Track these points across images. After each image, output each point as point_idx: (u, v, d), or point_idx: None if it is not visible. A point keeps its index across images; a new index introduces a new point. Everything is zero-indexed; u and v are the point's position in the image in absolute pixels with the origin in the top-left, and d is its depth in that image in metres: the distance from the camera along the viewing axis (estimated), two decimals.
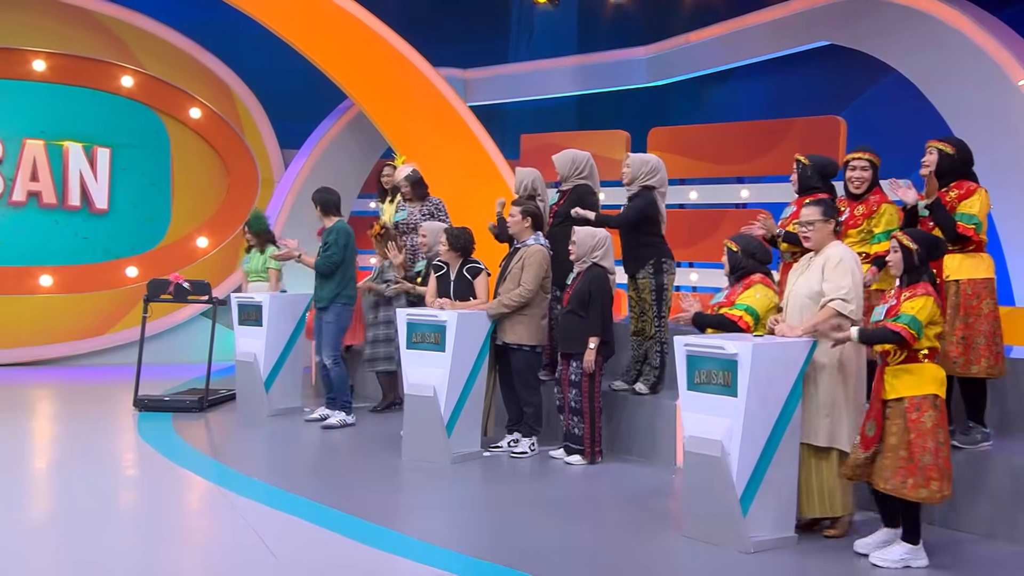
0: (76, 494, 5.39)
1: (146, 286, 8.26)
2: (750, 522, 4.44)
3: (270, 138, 11.57)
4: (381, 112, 9.78)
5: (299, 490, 5.43)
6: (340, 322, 7.17)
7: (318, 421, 7.30)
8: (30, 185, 10.46)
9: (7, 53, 10.37)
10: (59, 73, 10.58)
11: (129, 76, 10.90)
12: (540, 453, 6.35)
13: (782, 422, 4.50)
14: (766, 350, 4.46)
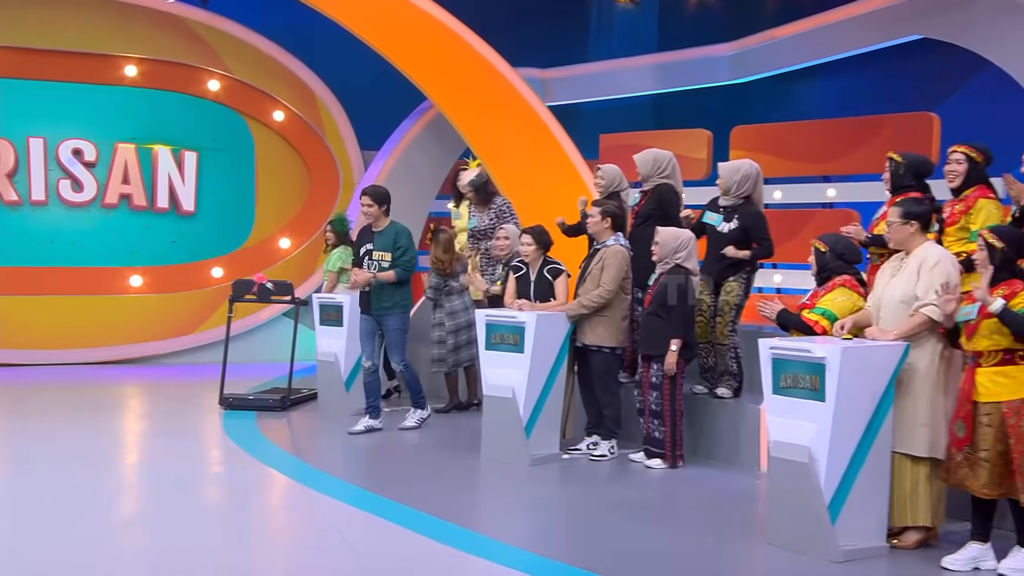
0: (164, 491, 5.57)
1: (231, 286, 8.50)
2: (839, 530, 4.35)
3: (351, 139, 11.78)
4: (460, 113, 9.87)
5: (380, 489, 5.52)
6: (405, 326, 6.96)
7: (363, 433, 6.94)
8: (121, 188, 10.86)
9: (101, 59, 10.79)
10: (149, 78, 10.97)
11: (216, 80, 11.24)
12: (620, 456, 6.32)
13: (873, 428, 4.39)
14: (856, 354, 4.36)
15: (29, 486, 5.54)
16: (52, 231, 10.60)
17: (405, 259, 6.81)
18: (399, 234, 6.82)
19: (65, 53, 10.60)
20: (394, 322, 6.88)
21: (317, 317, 8.15)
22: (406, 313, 6.95)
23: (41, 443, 6.63)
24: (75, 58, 10.63)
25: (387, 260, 6.77)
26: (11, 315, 10.35)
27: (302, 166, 11.72)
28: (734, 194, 6.31)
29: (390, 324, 6.89)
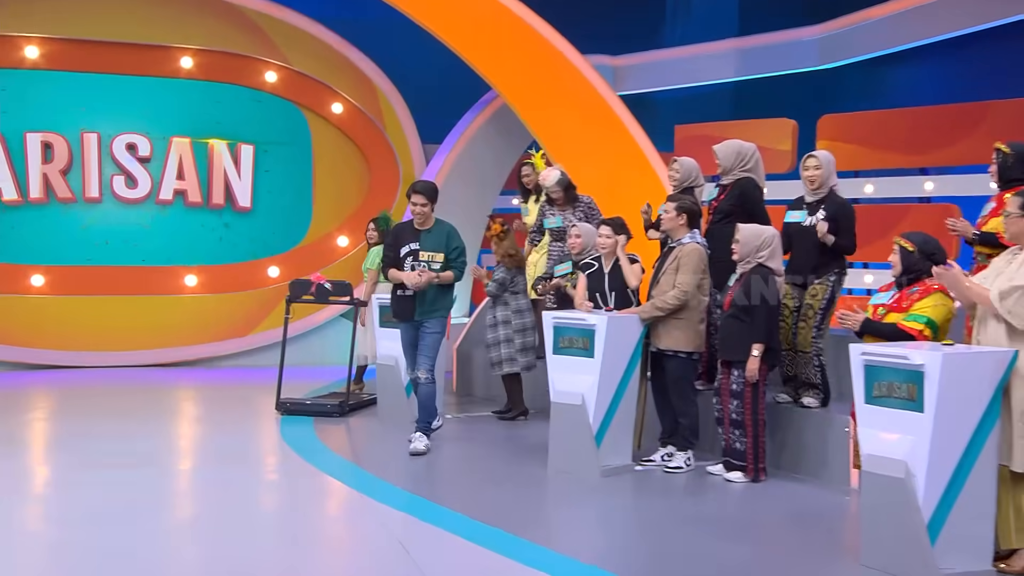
0: (219, 497, 5.69)
1: (288, 287, 8.64)
2: (939, 552, 4.23)
3: (411, 133, 11.90)
4: (526, 103, 9.89)
5: (442, 499, 5.55)
6: (444, 331, 6.81)
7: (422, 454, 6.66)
8: (176, 183, 11.14)
9: (157, 51, 11.09)
10: (206, 70, 11.23)
11: (273, 71, 11.46)
12: (697, 468, 6.27)
13: (977, 440, 4.27)
14: (958, 360, 4.24)
15: (85, 490, 5.70)
16: (105, 229, 10.91)
17: (463, 260, 6.67)
18: (451, 234, 6.66)
19: (120, 44, 10.91)
20: (435, 325, 6.69)
21: (376, 318, 8.24)
22: (446, 319, 6.80)
23: (96, 447, 6.82)
24: (130, 50, 10.94)
25: (438, 261, 6.57)
26: (64, 316, 10.69)
27: (361, 161, 11.87)
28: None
29: (430, 327, 6.67)
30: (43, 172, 10.64)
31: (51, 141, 10.64)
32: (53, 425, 7.99)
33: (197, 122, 11.20)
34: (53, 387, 9.65)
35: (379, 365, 8.11)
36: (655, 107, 12.37)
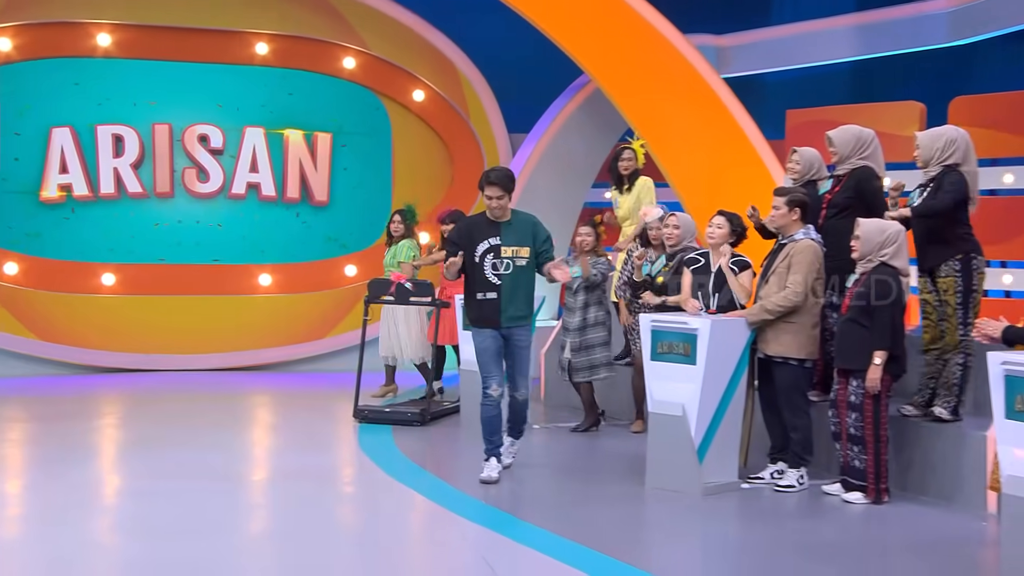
0: (294, 511, 5.80)
1: (366, 286, 8.78)
2: None
3: (497, 122, 11.96)
4: (621, 88, 9.84)
5: (531, 516, 5.56)
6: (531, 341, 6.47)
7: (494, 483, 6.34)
8: (249, 177, 11.41)
9: (230, 37, 11.38)
10: (281, 56, 11.48)
11: (351, 57, 11.65)
12: (811, 488, 6.16)
13: None
14: None
15: (156, 501, 5.89)
16: (177, 225, 11.24)
17: (553, 251, 6.37)
18: (537, 224, 6.30)
19: (192, 31, 11.24)
20: (526, 336, 6.30)
21: (460, 321, 8.30)
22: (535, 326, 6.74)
23: (167, 456, 7.03)
24: (203, 36, 11.26)
25: (524, 256, 6.20)
26: (135, 316, 11.05)
27: (443, 151, 11.98)
28: (936, 162, 6.06)
29: (522, 338, 6.25)
30: (114, 166, 11.01)
31: (122, 134, 11.01)
32: (123, 432, 8.26)
33: (271, 111, 11.45)
34: (124, 391, 9.98)
35: (463, 371, 8.17)
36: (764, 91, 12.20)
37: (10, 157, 10.75)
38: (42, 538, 5.22)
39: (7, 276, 10.73)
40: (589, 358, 7.83)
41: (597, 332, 7.86)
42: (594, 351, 7.85)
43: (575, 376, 7.89)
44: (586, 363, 7.84)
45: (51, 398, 9.48)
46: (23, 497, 6.18)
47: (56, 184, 10.85)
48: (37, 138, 10.80)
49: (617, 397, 8.28)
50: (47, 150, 10.81)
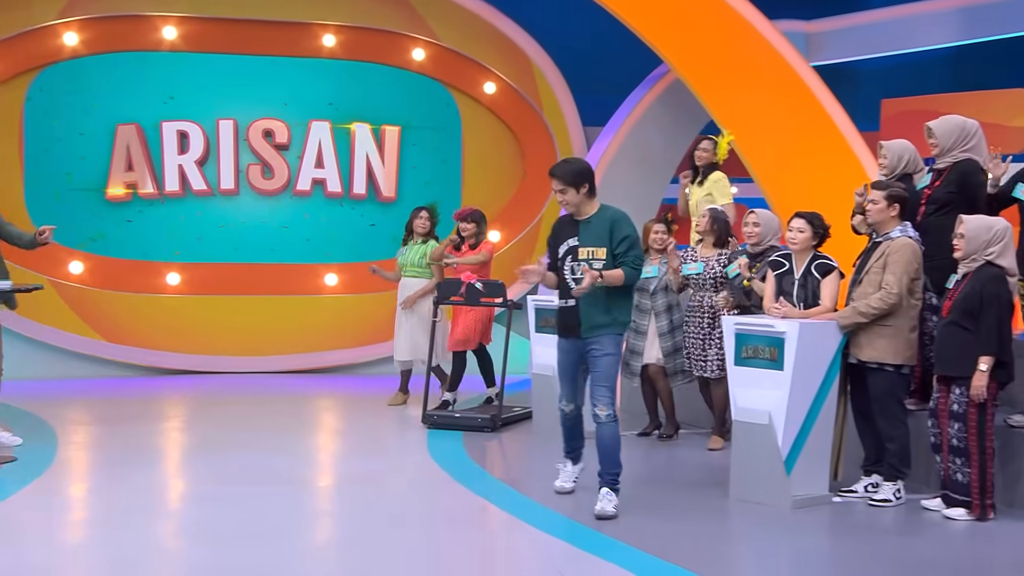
0: (360, 516, 5.84)
1: (435, 286, 8.81)
2: None
3: (571, 114, 11.93)
4: (703, 78, 9.75)
5: (607, 527, 5.53)
6: (619, 353, 5.88)
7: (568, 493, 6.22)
8: (315, 172, 11.54)
9: (297, 29, 11.50)
10: (348, 48, 11.58)
11: (420, 48, 11.71)
12: (908, 502, 6.05)
13: None
14: None
15: (220, 506, 5.97)
16: (241, 223, 11.42)
17: (635, 253, 5.75)
18: (617, 221, 5.78)
19: (257, 23, 11.38)
20: (607, 344, 5.77)
21: (533, 323, 8.30)
22: (622, 335, 5.90)
23: (231, 460, 7.13)
24: (268, 28, 11.40)
25: (600, 258, 5.76)
26: (199, 317, 11.25)
27: (515, 145, 11.99)
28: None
29: (601, 347, 5.78)
30: (179, 163, 11.24)
31: (187, 130, 11.22)
32: (187, 435, 8.41)
33: (338, 105, 11.57)
34: (187, 393, 10.16)
35: (535, 375, 8.17)
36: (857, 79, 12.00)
37: (76, 156, 11.01)
38: (105, 542, 5.33)
39: (72, 276, 11.00)
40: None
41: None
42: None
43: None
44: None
45: (115, 400, 9.69)
46: (87, 501, 6.33)
47: (121, 182, 11.09)
48: (103, 135, 11.05)
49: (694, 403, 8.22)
50: (112, 147, 11.06)
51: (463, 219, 9.04)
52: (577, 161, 5.99)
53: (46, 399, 9.34)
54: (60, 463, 6.97)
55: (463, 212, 9.15)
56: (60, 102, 10.93)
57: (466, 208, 9.31)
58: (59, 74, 10.95)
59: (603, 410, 5.74)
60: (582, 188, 5.79)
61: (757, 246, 7.09)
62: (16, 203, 10.45)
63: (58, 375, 10.67)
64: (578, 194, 5.80)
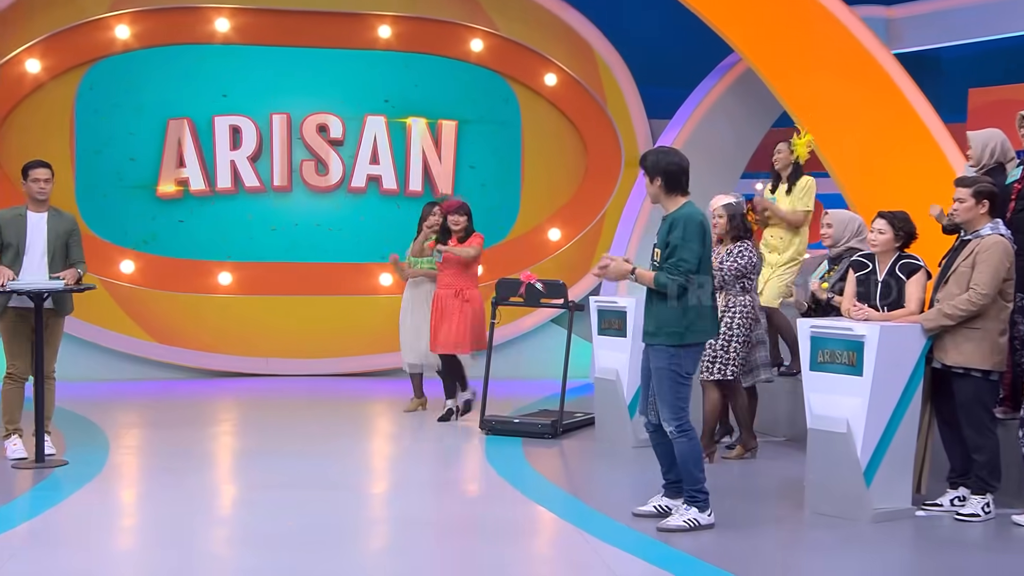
0: (416, 526, 5.84)
1: (494, 286, 8.82)
2: None
3: (636, 107, 11.90)
4: (776, 68, 9.65)
5: (674, 539, 5.49)
6: (677, 367, 5.62)
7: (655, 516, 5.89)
8: (370, 169, 11.62)
9: (352, 20, 11.61)
10: (404, 40, 11.67)
11: (479, 39, 11.75)
12: (998, 517, 5.93)
13: None
14: None
15: (271, 512, 6.03)
16: (293, 222, 11.52)
17: (675, 260, 5.53)
18: (675, 221, 5.61)
19: (311, 14, 11.52)
20: (657, 356, 5.63)
21: (595, 325, 8.27)
22: (681, 347, 5.59)
23: (283, 465, 7.21)
24: (322, 19, 11.53)
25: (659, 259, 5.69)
26: (251, 318, 11.40)
27: (577, 140, 11.98)
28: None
29: (654, 358, 5.66)
30: (231, 159, 11.38)
31: (240, 125, 11.36)
32: (239, 440, 8.51)
33: (394, 98, 11.64)
34: (240, 396, 10.30)
35: (598, 380, 8.15)
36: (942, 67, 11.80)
37: (127, 152, 11.20)
38: (156, 548, 5.41)
39: (124, 275, 11.19)
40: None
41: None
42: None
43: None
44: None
45: (165, 403, 9.84)
46: (137, 506, 6.42)
47: (172, 178, 11.26)
48: (154, 130, 11.23)
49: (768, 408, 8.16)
50: (164, 142, 11.22)
51: (453, 213, 8.82)
52: (667, 153, 5.79)
53: (96, 401, 9.52)
54: (111, 467, 7.09)
55: (452, 205, 8.92)
56: (111, 97, 11.15)
57: (454, 200, 9.07)
58: (110, 69, 11.17)
59: (666, 425, 5.65)
60: (656, 180, 5.68)
61: (833, 248, 6.99)
62: (67, 200, 10.66)
63: (107, 377, 10.86)
64: (652, 185, 5.70)
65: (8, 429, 7.17)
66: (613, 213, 11.69)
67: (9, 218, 7.12)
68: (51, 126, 11.02)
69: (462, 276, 8.72)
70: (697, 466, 5.66)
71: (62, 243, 7.15)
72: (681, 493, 5.79)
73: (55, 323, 7.19)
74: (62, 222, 7.19)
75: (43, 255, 7.11)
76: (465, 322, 8.65)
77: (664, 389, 5.62)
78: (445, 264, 8.74)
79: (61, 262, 7.12)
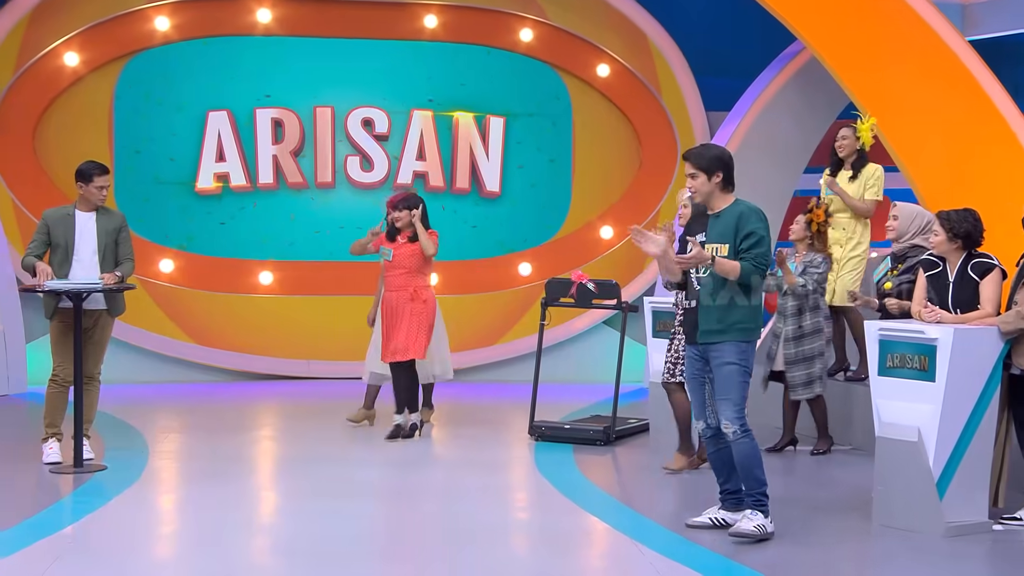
0: (463, 536, 5.84)
1: (544, 287, 8.79)
2: None
3: (693, 98, 11.82)
4: (842, 57, 9.52)
5: (734, 552, 5.45)
6: (746, 362, 5.64)
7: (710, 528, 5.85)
8: (416, 165, 11.64)
9: (396, 9, 11.63)
10: (451, 30, 11.67)
11: (529, 29, 11.73)
12: None
13: None
14: None
15: (313, 521, 6.05)
16: (337, 219, 11.56)
17: (759, 252, 5.56)
18: (745, 215, 5.61)
19: (355, 3, 11.56)
20: (727, 352, 5.61)
21: (649, 327, 8.23)
22: (750, 342, 5.66)
23: (326, 472, 7.24)
24: (366, 9, 11.57)
25: (724, 255, 5.61)
26: (291, 318, 11.46)
27: (630, 133, 11.93)
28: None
29: (720, 355, 5.63)
30: (273, 154, 11.45)
31: (282, 118, 11.44)
32: (281, 445, 8.59)
33: (441, 92, 11.65)
34: (282, 400, 10.38)
35: (652, 384, 8.12)
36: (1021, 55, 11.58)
37: (166, 147, 11.30)
38: (196, 557, 5.46)
39: (163, 275, 11.29)
40: (808, 371, 7.67)
41: (815, 341, 7.68)
42: (813, 363, 7.66)
43: (792, 393, 7.75)
44: (804, 377, 7.69)
45: (205, 406, 9.94)
46: (177, 513, 6.49)
47: (212, 173, 11.35)
48: (193, 124, 11.32)
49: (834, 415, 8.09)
50: (203, 136, 11.32)
51: (395, 207, 8.22)
52: (716, 147, 5.85)
53: (134, 404, 9.62)
54: (150, 472, 7.17)
55: (396, 199, 8.35)
56: (150, 91, 11.25)
57: (399, 193, 8.58)
58: (149, 61, 11.28)
59: (728, 427, 5.61)
60: (715, 177, 5.65)
61: (896, 243, 6.91)
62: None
63: (145, 379, 10.95)
64: (709, 182, 5.66)
65: (47, 432, 7.27)
66: (668, 210, 11.61)
67: (58, 218, 7.21)
68: (89, 120, 11.16)
69: (416, 276, 8.23)
70: (760, 468, 5.64)
71: (112, 241, 7.23)
72: (739, 506, 5.76)
73: (106, 324, 7.28)
74: (111, 220, 7.26)
75: (94, 254, 7.20)
76: (416, 324, 8.14)
77: (732, 387, 5.60)
78: (395, 264, 8.24)
79: (112, 261, 7.20)
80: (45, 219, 7.22)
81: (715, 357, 5.65)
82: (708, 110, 11.80)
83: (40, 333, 10.21)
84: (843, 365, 8.39)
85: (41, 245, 7.17)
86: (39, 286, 6.90)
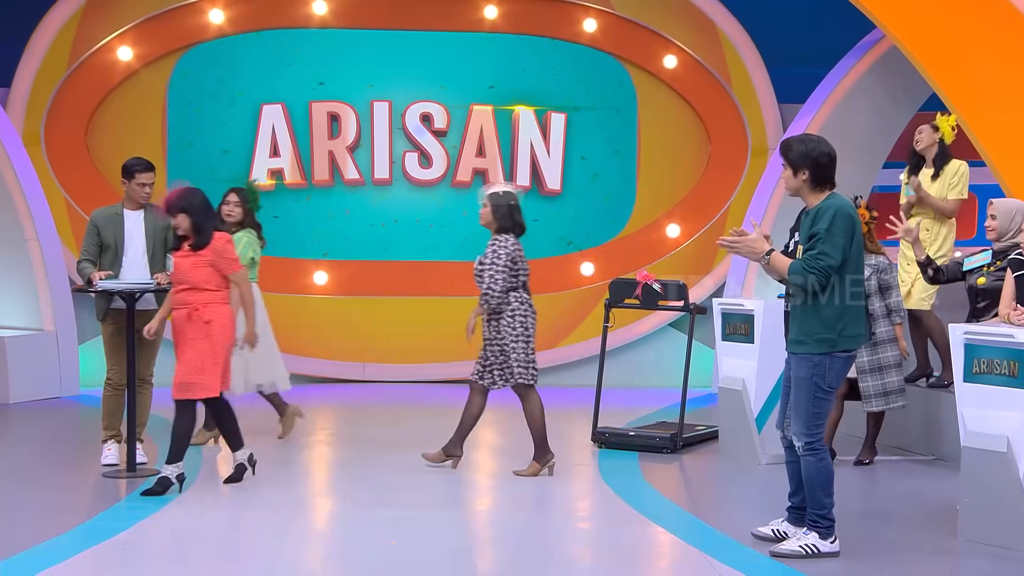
0: (524, 547, 5.83)
1: (607, 287, 8.74)
2: None
3: (765, 90, 11.71)
4: (925, 46, 9.36)
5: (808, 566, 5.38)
6: (814, 376, 5.47)
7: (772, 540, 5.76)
8: (475, 162, 11.65)
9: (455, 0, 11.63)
10: (512, 21, 11.66)
11: (593, 19, 11.69)
12: None
13: None
14: None
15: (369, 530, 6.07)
16: (394, 217, 11.61)
17: (815, 252, 5.36)
18: (820, 212, 5.43)
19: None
20: (800, 365, 5.52)
21: (719, 330, 8.16)
22: (828, 355, 5.45)
23: (382, 479, 7.28)
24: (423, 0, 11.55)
25: None
26: (347, 319, 11.52)
27: (699, 127, 11.85)
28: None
29: (795, 367, 5.58)
30: (329, 150, 11.52)
31: (338, 113, 11.50)
32: (335, 451, 8.62)
33: (501, 85, 11.65)
34: (339, 404, 10.44)
35: (722, 390, 8.05)
36: None
37: (219, 143, 11.42)
38: (251, 565, 5.49)
39: None
40: (883, 381, 7.56)
41: (890, 350, 7.56)
42: (888, 373, 7.54)
43: (866, 404, 7.66)
44: (879, 387, 7.58)
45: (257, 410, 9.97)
46: (230, 520, 6.50)
47: (266, 169, 11.44)
48: (247, 118, 11.42)
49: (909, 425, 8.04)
50: (256, 131, 11.41)
51: (169, 210, 6.77)
52: (813, 141, 5.58)
53: None
54: (204, 478, 7.21)
55: (167, 200, 6.79)
56: (204, 85, 11.38)
57: (171, 192, 6.85)
58: (203, 55, 11.41)
59: (796, 440, 5.56)
60: (801, 173, 5.49)
61: (998, 242, 6.78)
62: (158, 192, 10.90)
63: None
64: (795, 177, 5.51)
65: (105, 434, 7.36)
66: (738, 207, 11.51)
67: (106, 218, 7.29)
68: (143, 116, 11.31)
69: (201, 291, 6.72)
70: (825, 490, 5.53)
71: (161, 239, 7.29)
72: (801, 521, 5.67)
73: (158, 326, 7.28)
74: (159, 218, 7.27)
75: (143, 254, 7.27)
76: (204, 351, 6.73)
77: (802, 400, 5.51)
78: (178, 276, 6.76)
79: (162, 260, 7.23)
80: (93, 220, 7.31)
81: (793, 367, 5.61)
82: (781, 102, 11.69)
83: (92, 335, 10.38)
84: (925, 371, 8.24)
85: (93, 247, 7.24)
86: (93, 285, 6.98)
